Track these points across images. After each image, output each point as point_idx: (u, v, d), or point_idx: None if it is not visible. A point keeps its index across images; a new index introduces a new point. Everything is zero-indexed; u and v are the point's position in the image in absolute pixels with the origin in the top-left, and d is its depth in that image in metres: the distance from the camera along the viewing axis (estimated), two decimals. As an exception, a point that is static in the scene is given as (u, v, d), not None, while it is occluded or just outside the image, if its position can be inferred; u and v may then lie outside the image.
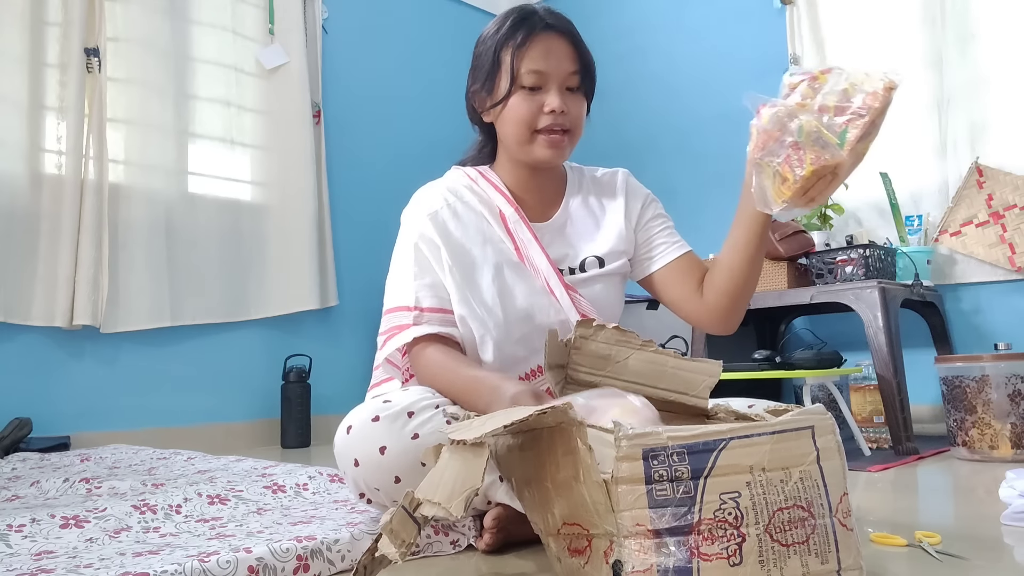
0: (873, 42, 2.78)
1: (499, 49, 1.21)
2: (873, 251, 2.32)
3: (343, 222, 3.27)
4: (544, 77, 1.18)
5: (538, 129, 1.20)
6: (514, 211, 1.25)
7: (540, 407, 0.76)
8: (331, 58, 3.32)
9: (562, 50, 1.20)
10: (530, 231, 1.25)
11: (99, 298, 2.50)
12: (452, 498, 0.73)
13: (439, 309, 1.21)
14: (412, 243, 1.24)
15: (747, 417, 0.88)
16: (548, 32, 1.19)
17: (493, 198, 1.27)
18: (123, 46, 2.70)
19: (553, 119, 1.18)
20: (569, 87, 1.21)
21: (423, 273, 1.22)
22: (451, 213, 1.25)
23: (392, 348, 1.21)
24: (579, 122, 1.23)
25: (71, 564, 0.93)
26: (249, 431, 2.89)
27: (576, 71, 1.21)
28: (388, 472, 1.05)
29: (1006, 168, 2.48)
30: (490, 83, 1.23)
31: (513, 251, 1.23)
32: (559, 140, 1.20)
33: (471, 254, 1.22)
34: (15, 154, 2.43)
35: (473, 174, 1.31)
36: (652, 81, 3.49)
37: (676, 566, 0.67)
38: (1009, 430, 1.88)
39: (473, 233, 1.24)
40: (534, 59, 1.18)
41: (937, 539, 1.05)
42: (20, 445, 2.22)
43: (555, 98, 1.18)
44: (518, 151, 1.23)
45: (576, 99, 1.22)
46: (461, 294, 1.20)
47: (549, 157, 1.21)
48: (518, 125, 1.20)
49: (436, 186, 1.31)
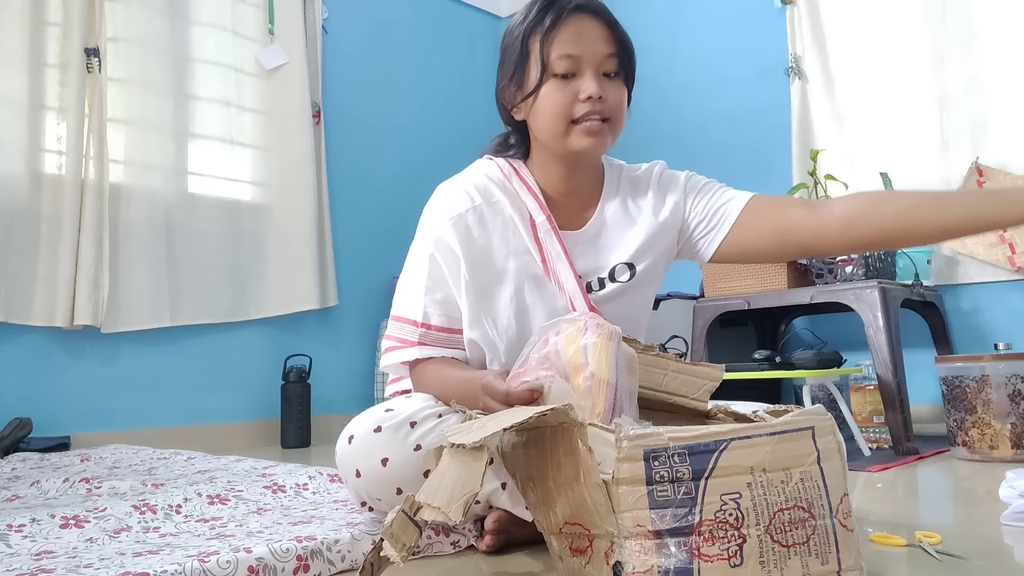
0: (874, 41, 2.78)
1: (527, 37, 1.11)
2: (873, 251, 2.32)
3: (343, 222, 3.27)
4: (577, 62, 1.08)
5: (575, 119, 1.09)
6: (546, 219, 1.15)
7: (540, 409, 0.76)
8: (331, 58, 3.32)
9: (596, 31, 1.09)
10: (560, 243, 1.15)
11: (100, 298, 2.50)
12: (451, 503, 0.73)
13: (446, 328, 1.15)
14: (428, 252, 1.16)
15: (747, 418, 0.88)
16: (579, 13, 1.09)
17: (526, 201, 1.17)
18: (123, 46, 2.70)
19: (591, 106, 1.08)
20: (606, 72, 1.10)
21: (435, 287, 1.15)
22: (477, 218, 1.15)
23: (393, 362, 1.19)
24: (620, 110, 1.12)
25: (71, 564, 0.93)
26: (249, 431, 2.89)
27: (613, 53, 1.10)
28: (390, 483, 1.03)
29: (1006, 167, 2.48)
30: (519, 75, 1.12)
31: (539, 263, 1.14)
32: (599, 128, 1.09)
33: (493, 268, 1.14)
34: (15, 154, 2.43)
35: (507, 169, 1.20)
36: (652, 81, 3.47)
37: (677, 567, 0.67)
38: (1009, 430, 1.88)
39: (498, 242, 1.15)
40: (565, 43, 1.08)
41: (937, 539, 1.05)
42: (20, 445, 2.22)
43: (591, 83, 1.07)
44: (555, 144, 1.12)
45: (615, 85, 1.11)
46: (474, 316, 1.13)
47: (588, 146, 1.10)
48: (552, 117, 1.09)
49: (463, 181, 1.20)
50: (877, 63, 2.76)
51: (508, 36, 1.16)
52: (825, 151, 2.74)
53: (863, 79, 2.80)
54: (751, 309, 2.45)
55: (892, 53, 2.73)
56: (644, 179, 1.24)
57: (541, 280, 1.14)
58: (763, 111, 3.05)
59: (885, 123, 2.74)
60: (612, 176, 1.24)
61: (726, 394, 1.20)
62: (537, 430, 0.83)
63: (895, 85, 2.72)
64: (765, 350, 2.22)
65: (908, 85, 2.69)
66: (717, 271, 2.54)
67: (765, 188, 3.28)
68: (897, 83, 2.71)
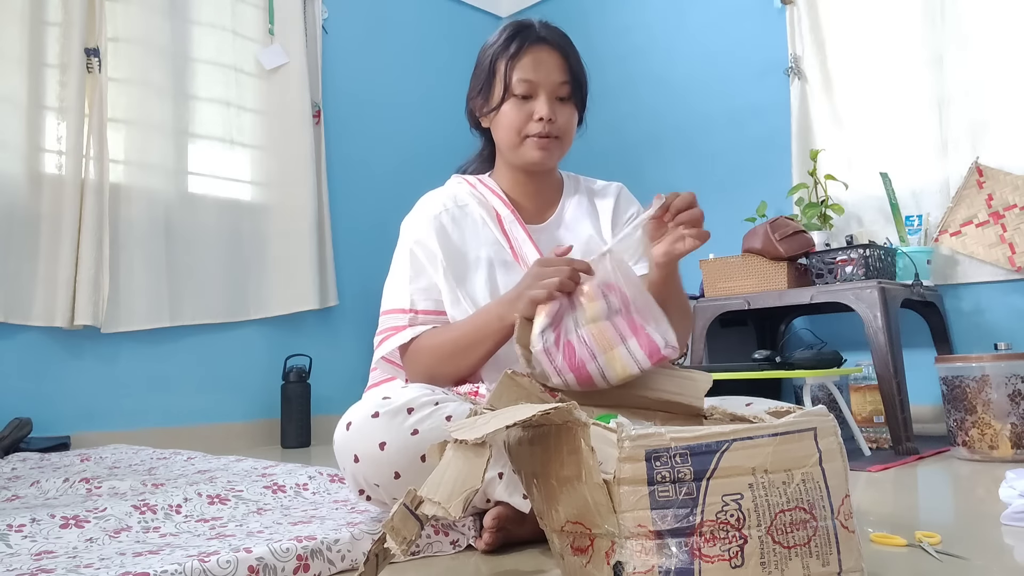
0: (874, 41, 2.78)
1: (495, 59, 1.29)
2: (873, 251, 2.32)
3: (343, 222, 3.27)
4: (534, 86, 1.26)
5: (528, 135, 1.27)
6: (510, 212, 1.32)
7: (544, 407, 0.76)
8: (331, 58, 3.32)
9: (552, 62, 1.27)
10: (525, 231, 1.31)
11: (100, 298, 2.50)
12: (452, 498, 0.73)
13: (433, 311, 1.27)
14: (408, 248, 1.30)
15: (744, 418, 0.88)
16: (540, 45, 1.27)
17: (491, 201, 1.34)
18: (123, 46, 2.70)
19: (541, 127, 1.26)
20: (560, 96, 1.28)
21: (418, 276, 1.28)
22: (450, 218, 1.31)
23: (389, 348, 1.26)
24: (568, 129, 1.30)
25: (71, 564, 0.93)
26: (249, 431, 2.89)
27: (566, 81, 1.28)
28: (388, 467, 1.05)
29: (1006, 168, 2.48)
30: (487, 90, 1.31)
31: (508, 250, 1.29)
32: (547, 143, 1.27)
33: (467, 257, 1.28)
34: (16, 154, 2.43)
35: (473, 180, 1.38)
36: (652, 81, 3.48)
37: (677, 567, 0.67)
38: (1009, 430, 1.88)
39: (470, 237, 1.30)
40: (525, 69, 1.26)
41: (937, 539, 1.05)
42: (20, 445, 2.22)
43: (544, 106, 1.25)
44: (511, 155, 1.31)
45: (566, 108, 1.29)
46: (454, 296, 1.25)
47: (539, 159, 1.28)
48: (509, 131, 1.28)
49: (437, 193, 1.37)
50: (877, 63, 2.76)
51: (482, 54, 1.34)
52: (825, 151, 2.74)
53: (863, 79, 2.80)
54: (751, 309, 2.45)
55: (891, 53, 2.73)
56: (604, 190, 1.42)
57: (510, 264, 1.29)
58: (763, 111, 3.05)
59: (884, 123, 2.74)
60: (570, 183, 1.42)
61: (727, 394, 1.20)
62: (543, 428, 0.83)
63: (894, 85, 2.72)
64: (765, 350, 2.22)
65: (907, 85, 2.69)
66: (717, 271, 2.54)
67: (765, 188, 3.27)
68: (896, 83, 2.71)
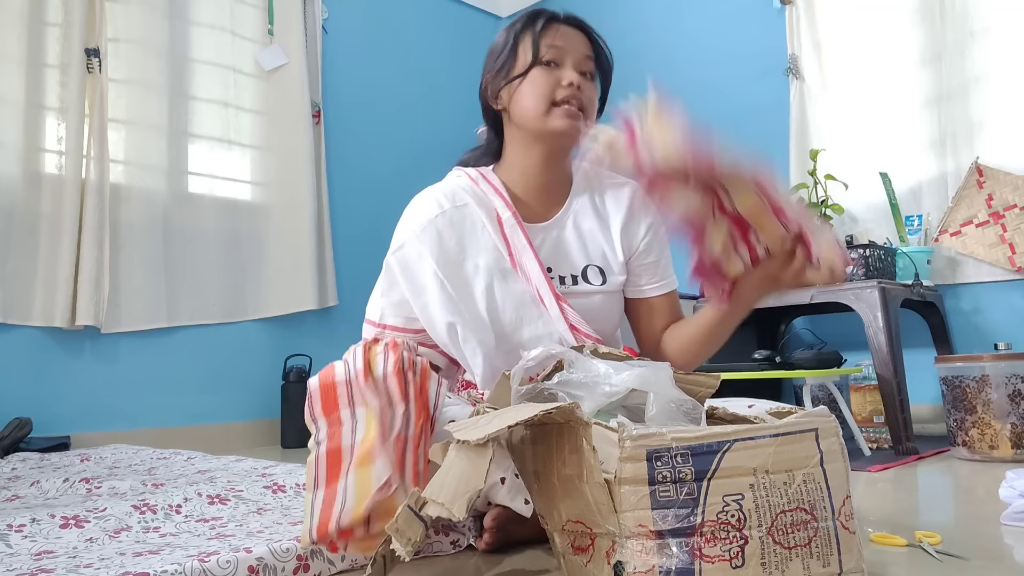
0: (872, 41, 2.78)
1: (519, 33, 1.26)
2: (873, 251, 2.32)
3: (343, 222, 3.27)
4: (562, 53, 1.24)
5: (556, 102, 1.22)
6: (511, 215, 1.24)
7: (546, 406, 0.76)
8: (331, 58, 3.32)
9: (578, 38, 1.27)
10: (525, 237, 1.23)
11: (100, 298, 2.50)
12: (456, 499, 0.73)
13: (402, 329, 1.25)
14: (387, 259, 1.25)
15: (745, 419, 0.88)
16: (565, 23, 1.27)
17: (492, 200, 1.26)
18: (123, 47, 2.70)
19: (571, 92, 1.22)
20: (584, 71, 1.25)
21: (391, 290, 1.26)
22: (448, 221, 1.22)
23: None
24: (592, 105, 1.27)
25: (71, 564, 0.93)
26: (249, 431, 2.89)
27: (591, 56, 1.27)
28: None
29: (1006, 168, 2.48)
30: (509, 64, 1.26)
31: (507, 257, 1.21)
32: (575, 112, 1.22)
33: (464, 266, 1.20)
34: (16, 154, 2.43)
35: (475, 175, 1.31)
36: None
37: (678, 567, 0.67)
38: (1009, 430, 1.88)
39: (468, 242, 1.22)
40: (553, 37, 1.24)
41: (937, 539, 1.05)
42: (20, 445, 2.22)
43: (572, 73, 1.23)
44: (535, 124, 1.24)
45: (590, 85, 1.26)
46: (453, 305, 1.17)
47: (565, 128, 1.22)
48: (536, 98, 1.23)
49: (434, 190, 1.29)
50: (876, 63, 2.76)
51: (498, 38, 1.31)
52: (824, 151, 2.74)
53: (862, 79, 2.80)
54: (751, 309, 2.44)
55: (891, 53, 2.73)
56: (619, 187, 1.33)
57: (508, 273, 1.21)
58: (762, 111, 3.05)
59: (884, 123, 2.74)
60: (580, 179, 1.34)
61: (727, 394, 1.20)
62: (544, 426, 0.83)
63: (894, 85, 2.72)
64: (765, 350, 2.22)
65: (907, 85, 2.69)
66: (717, 271, 2.53)
67: (765, 188, 3.22)
68: (896, 83, 2.71)
